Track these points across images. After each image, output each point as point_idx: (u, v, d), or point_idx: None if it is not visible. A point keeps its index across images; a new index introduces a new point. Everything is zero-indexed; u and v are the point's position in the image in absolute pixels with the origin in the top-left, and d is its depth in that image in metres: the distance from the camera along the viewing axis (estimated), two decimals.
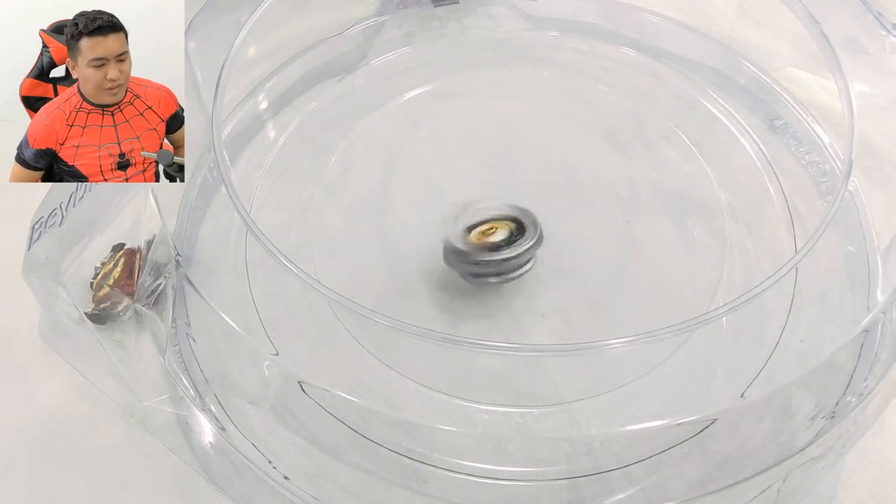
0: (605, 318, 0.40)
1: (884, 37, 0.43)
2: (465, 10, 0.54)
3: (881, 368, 0.34)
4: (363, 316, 0.33)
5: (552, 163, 0.45)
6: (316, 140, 0.48)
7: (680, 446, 0.35)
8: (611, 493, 0.34)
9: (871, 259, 0.41)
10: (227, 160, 0.38)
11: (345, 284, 0.40)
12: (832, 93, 0.41)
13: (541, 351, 0.37)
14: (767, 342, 0.39)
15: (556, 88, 0.50)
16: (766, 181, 0.45)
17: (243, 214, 0.36)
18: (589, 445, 0.35)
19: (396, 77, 0.51)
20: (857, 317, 0.39)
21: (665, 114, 0.48)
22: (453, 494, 0.34)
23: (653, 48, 0.52)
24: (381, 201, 0.45)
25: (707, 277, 0.41)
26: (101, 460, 0.37)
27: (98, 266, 0.38)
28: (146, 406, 0.37)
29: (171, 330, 0.35)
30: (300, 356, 0.39)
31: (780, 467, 0.32)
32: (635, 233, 0.43)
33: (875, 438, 0.36)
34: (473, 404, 0.37)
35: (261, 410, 0.36)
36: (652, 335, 0.32)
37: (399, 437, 0.35)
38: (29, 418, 0.39)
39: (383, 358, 0.38)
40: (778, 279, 0.33)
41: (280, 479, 0.34)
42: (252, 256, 0.42)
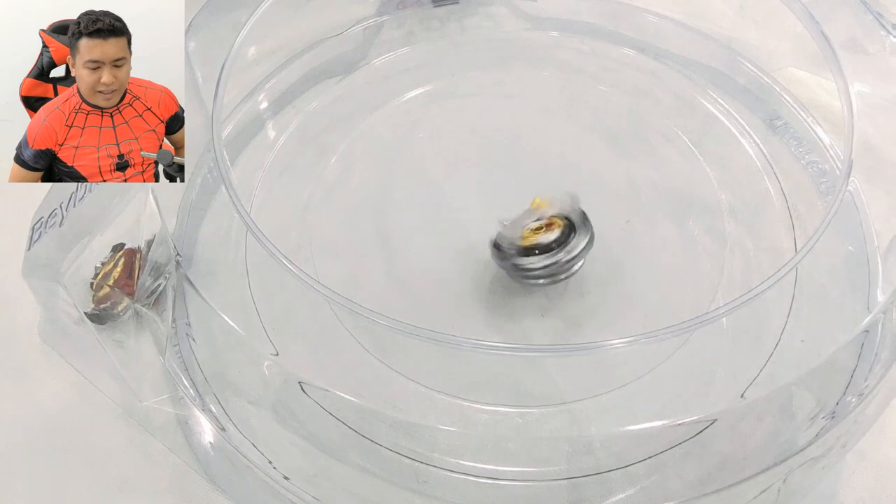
0: (605, 318, 0.40)
1: (884, 37, 0.43)
2: (465, 10, 0.54)
3: (881, 368, 0.34)
4: (363, 316, 0.33)
5: (552, 163, 0.45)
6: (316, 140, 0.48)
7: (680, 446, 0.35)
8: (611, 493, 0.34)
9: (871, 259, 0.41)
10: (227, 160, 0.38)
11: (345, 284, 0.41)
12: (832, 93, 0.41)
13: (541, 351, 0.37)
14: (767, 342, 0.39)
15: (556, 88, 0.50)
16: (766, 181, 0.45)
17: (243, 214, 0.36)
18: (589, 445, 0.35)
19: (396, 77, 0.51)
20: (857, 317, 0.39)
21: (665, 114, 0.48)
22: (453, 494, 0.34)
23: (653, 48, 0.52)
24: (381, 201, 0.45)
25: (707, 277, 0.41)
26: (101, 460, 0.37)
27: (98, 266, 0.38)
28: (146, 406, 0.37)
29: (171, 330, 0.35)
30: (300, 356, 0.39)
31: (780, 467, 0.32)
32: (635, 233, 0.43)
33: (875, 438, 0.36)
34: (473, 404, 0.37)
35: (261, 410, 0.36)
36: (652, 335, 0.32)
37: (399, 437, 0.35)
38: (29, 418, 0.39)
39: (383, 358, 0.38)
40: (778, 279, 0.33)
41: (280, 479, 0.34)
42: (252, 256, 0.42)
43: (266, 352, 0.38)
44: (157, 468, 0.37)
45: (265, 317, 0.40)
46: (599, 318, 0.40)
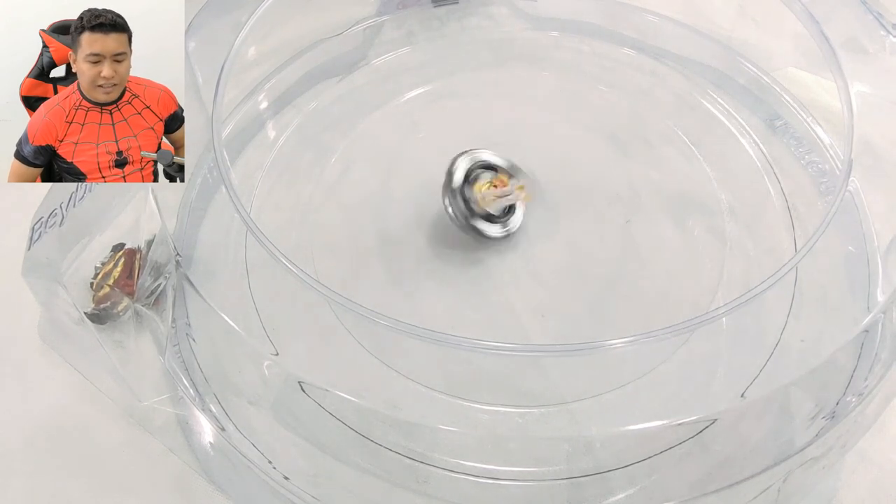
0: (605, 318, 0.40)
1: (884, 37, 0.43)
2: (465, 10, 0.54)
3: (881, 368, 0.34)
4: (363, 316, 0.33)
5: (552, 163, 0.45)
6: (316, 140, 0.48)
7: (680, 446, 0.35)
8: (611, 493, 0.34)
9: (871, 259, 0.41)
10: (227, 160, 0.38)
11: (345, 284, 0.41)
12: (832, 93, 0.41)
13: (541, 351, 0.37)
14: (767, 342, 0.39)
15: (556, 88, 0.50)
16: (766, 181, 0.45)
17: (243, 214, 0.36)
18: (589, 445, 0.35)
19: (396, 77, 0.51)
20: (857, 317, 0.38)
21: (665, 114, 0.48)
22: (453, 494, 0.34)
23: (653, 48, 0.52)
24: (381, 201, 0.45)
25: (707, 277, 0.41)
26: (101, 460, 0.37)
27: (98, 266, 0.38)
28: (146, 406, 0.37)
29: (171, 330, 0.35)
30: (300, 356, 0.39)
31: (780, 467, 0.32)
32: (635, 233, 0.43)
33: (875, 438, 0.36)
34: (473, 404, 0.37)
35: (261, 410, 0.36)
36: (652, 335, 0.32)
37: (399, 437, 0.35)
38: (29, 418, 0.39)
39: (383, 358, 0.38)
40: (778, 279, 0.33)
41: (280, 479, 0.34)
42: (252, 256, 0.42)
43: (266, 352, 0.38)
44: (157, 468, 0.37)
45: (265, 317, 0.40)
46: (599, 318, 0.40)
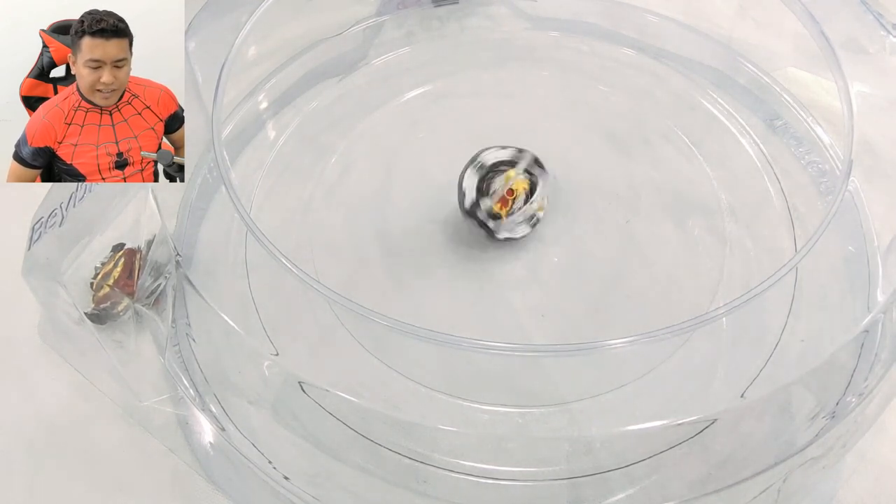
0: (605, 318, 0.40)
1: (884, 37, 0.43)
2: (465, 10, 0.54)
3: (881, 368, 0.34)
4: (363, 316, 0.33)
5: (552, 163, 0.45)
6: (316, 140, 0.48)
7: (680, 446, 0.35)
8: (611, 493, 0.34)
9: (871, 259, 0.41)
10: (227, 160, 0.38)
11: (345, 284, 0.41)
12: (832, 93, 0.41)
13: (541, 351, 0.37)
14: (767, 342, 0.39)
15: (556, 88, 0.50)
16: (766, 181, 0.45)
17: (243, 214, 0.36)
18: (589, 445, 0.35)
19: (396, 77, 0.51)
20: (857, 317, 0.39)
21: (665, 114, 0.48)
22: (453, 494, 0.34)
23: (653, 48, 0.52)
24: (381, 201, 0.45)
25: (707, 277, 0.41)
26: (101, 460, 0.37)
27: (98, 266, 0.38)
28: (146, 406, 0.37)
29: (171, 330, 0.35)
30: (300, 356, 0.39)
31: (780, 467, 0.32)
32: (635, 233, 0.43)
33: (875, 438, 0.36)
34: (473, 404, 0.37)
35: (261, 410, 0.36)
36: (652, 335, 0.32)
37: (399, 437, 0.35)
38: (29, 418, 0.39)
39: (383, 358, 0.38)
40: (778, 279, 0.33)
41: (280, 479, 0.34)
42: (252, 256, 0.42)
43: (266, 352, 0.38)
44: (157, 468, 0.37)
45: (265, 317, 0.40)
46: (599, 318, 0.40)
